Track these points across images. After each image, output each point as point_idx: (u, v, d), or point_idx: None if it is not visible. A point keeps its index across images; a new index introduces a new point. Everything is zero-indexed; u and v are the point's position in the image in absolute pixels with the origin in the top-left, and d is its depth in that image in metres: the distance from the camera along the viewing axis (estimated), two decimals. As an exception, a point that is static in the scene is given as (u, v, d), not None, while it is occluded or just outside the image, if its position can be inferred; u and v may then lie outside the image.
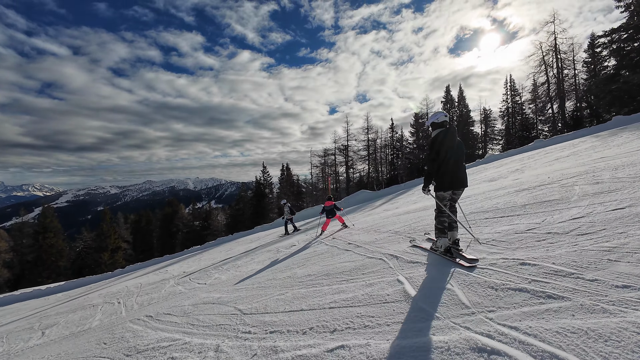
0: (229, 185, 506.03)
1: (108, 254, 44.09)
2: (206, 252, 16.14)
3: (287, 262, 5.78)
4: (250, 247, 11.52)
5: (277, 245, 8.66)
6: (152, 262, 21.85)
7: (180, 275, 8.65)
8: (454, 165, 3.41)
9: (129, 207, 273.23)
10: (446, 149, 3.36)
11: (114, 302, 7.06)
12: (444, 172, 3.41)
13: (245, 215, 47.55)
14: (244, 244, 14.16)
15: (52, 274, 41.72)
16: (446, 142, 3.37)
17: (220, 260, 9.47)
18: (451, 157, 3.38)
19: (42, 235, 42.73)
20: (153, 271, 14.29)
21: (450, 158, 3.38)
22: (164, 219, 52.65)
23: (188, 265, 11.61)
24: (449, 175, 3.41)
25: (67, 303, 10.84)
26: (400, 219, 7.06)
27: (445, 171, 3.41)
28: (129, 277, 15.79)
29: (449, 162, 3.38)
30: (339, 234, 7.43)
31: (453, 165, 3.40)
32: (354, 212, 13.71)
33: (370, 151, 40.49)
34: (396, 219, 7.31)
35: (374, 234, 6.09)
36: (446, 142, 3.37)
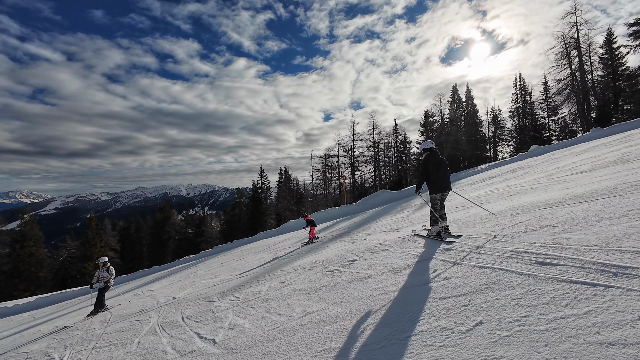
0: (222, 191, 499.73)
1: (93, 264, 41.00)
2: (202, 264, 13.77)
3: (362, 291, 3.55)
4: (262, 258, 9.28)
5: (314, 259, 6.39)
6: (138, 275, 19.28)
7: (168, 302, 6.35)
8: (441, 176, 4.71)
9: (120, 214, 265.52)
10: (432, 165, 4.70)
11: (54, 356, 4.67)
12: (434, 181, 4.72)
13: (242, 222, 45.15)
14: (250, 253, 11.87)
15: (30, 285, 38.40)
16: (432, 160, 4.72)
17: (226, 279, 7.19)
18: (438, 171, 4.69)
19: (20, 244, 39.48)
20: (135, 288, 11.88)
21: (438, 171, 4.69)
22: (154, 226, 49.84)
23: (180, 283, 9.29)
24: (438, 183, 4.72)
25: (13, 336, 8.39)
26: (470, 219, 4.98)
27: (435, 180, 4.72)
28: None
29: (437, 174, 4.69)
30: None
31: (440, 176, 4.70)
32: (381, 216, 11.57)
33: (375, 151, 38.61)
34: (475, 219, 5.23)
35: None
36: (432, 161, 4.72)
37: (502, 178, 11.07)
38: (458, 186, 13.63)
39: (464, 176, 18.37)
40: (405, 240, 5.03)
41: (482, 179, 12.90)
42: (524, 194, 6.19)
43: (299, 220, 22.69)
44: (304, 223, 11.09)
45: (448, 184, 4.75)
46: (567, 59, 28.14)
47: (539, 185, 6.68)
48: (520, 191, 6.64)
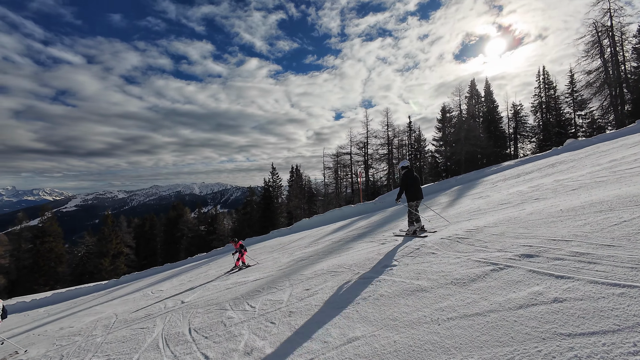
0: (234, 190, 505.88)
1: (109, 260, 41.67)
2: (214, 263, 13.22)
3: None
4: (277, 259, 8.57)
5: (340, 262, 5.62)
6: (150, 272, 19.01)
7: (176, 307, 5.70)
8: (415, 188, 5.95)
9: (136, 212, 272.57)
10: (409, 180, 5.96)
11: None
12: (411, 192, 5.94)
13: (254, 220, 44.99)
14: (264, 253, 11.20)
15: (50, 280, 39.33)
16: (409, 176, 6.02)
17: (240, 282, 6.49)
18: (413, 185, 5.93)
19: (40, 240, 40.49)
20: (146, 287, 11.41)
21: (413, 185, 5.93)
22: (168, 223, 50.39)
23: (190, 284, 8.70)
24: (413, 194, 5.93)
25: (19, 337, 7.99)
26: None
27: (411, 191, 5.93)
28: (116, 293, 12.94)
29: (413, 187, 5.93)
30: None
31: (415, 188, 5.95)
32: (405, 215, 10.68)
33: (389, 149, 37.43)
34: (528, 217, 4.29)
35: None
36: (409, 176, 6.02)
37: (542, 173, 9.95)
38: (488, 183, 12.55)
39: (489, 173, 17.15)
40: (454, 242, 4.17)
41: (516, 175, 11.77)
42: (590, 188, 5.21)
43: (229, 246, 20.66)
44: (232, 249, 10.95)
45: (421, 194, 6.01)
46: (598, 48, 26.16)
47: (604, 178, 5.66)
48: (582, 185, 5.65)
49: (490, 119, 35.87)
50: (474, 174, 19.20)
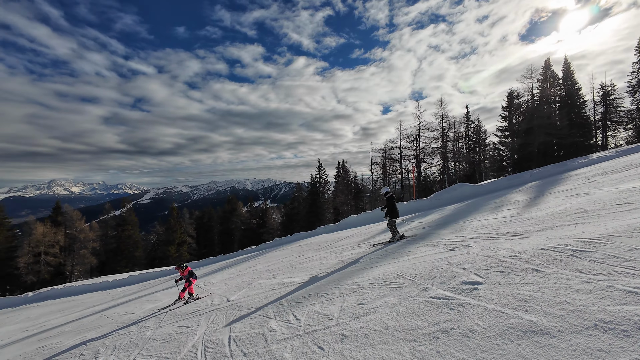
0: (283, 185, 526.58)
1: (174, 247, 46.17)
2: (262, 257, 13.26)
3: None
4: (325, 258, 7.99)
5: (399, 270, 4.78)
6: (206, 262, 20.20)
7: (221, 306, 5.45)
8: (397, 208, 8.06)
9: (197, 205, 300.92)
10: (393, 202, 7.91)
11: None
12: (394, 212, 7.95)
13: (300, 215, 45.68)
14: (311, 250, 10.74)
15: (129, 263, 45.09)
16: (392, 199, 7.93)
17: (285, 283, 6.02)
18: (395, 205, 7.98)
19: (122, 228, 46.62)
20: (201, 277, 11.84)
21: (395, 206, 7.97)
22: (223, 216, 54.05)
23: (239, 279, 8.61)
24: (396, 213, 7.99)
25: (93, 316, 8.74)
26: None
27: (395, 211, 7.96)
28: (170, 282, 13.76)
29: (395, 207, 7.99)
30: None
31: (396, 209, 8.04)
32: (472, 214, 9.22)
33: (444, 142, 34.34)
34: None
35: None
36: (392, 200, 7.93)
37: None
38: (579, 178, 10.23)
39: (577, 166, 14.20)
40: (567, 256, 3.02)
41: (621, 167, 9.32)
42: None
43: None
44: None
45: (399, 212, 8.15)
46: None
47: None
48: None
49: (571, 104, 30.41)
50: (553, 168, 16.22)
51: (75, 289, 21.51)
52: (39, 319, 13.44)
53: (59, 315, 12.60)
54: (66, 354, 5.18)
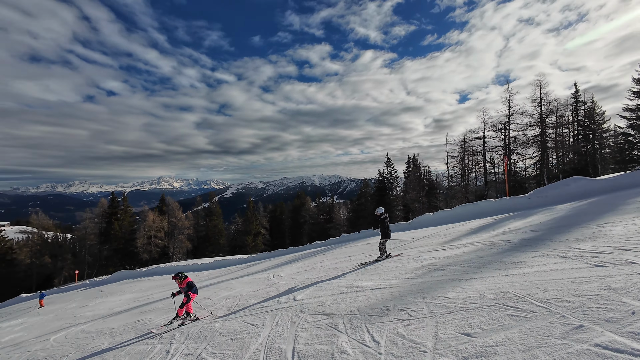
0: (349, 181, 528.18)
1: (251, 238, 50.43)
2: (329, 253, 12.86)
3: None
4: (404, 264, 7.00)
5: (513, 286, 3.61)
6: (276, 254, 21.02)
7: (287, 305, 5.07)
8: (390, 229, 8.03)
9: (270, 199, 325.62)
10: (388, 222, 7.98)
11: (170, 349, 4.00)
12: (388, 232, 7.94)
13: (368, 211, 44.41)
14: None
15: (215, 249, 51.15)
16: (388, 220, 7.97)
17: (356, 287, 5.32)
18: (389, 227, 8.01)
19: (209, 218, 53.17)
20: (271, 268, 12.13)
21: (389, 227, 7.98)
22: (293, 210, 56.67)
23: (306, 274, 8.29)
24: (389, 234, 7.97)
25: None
26: None
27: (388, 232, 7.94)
28: (251, 268, 14.52)
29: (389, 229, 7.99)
30: None
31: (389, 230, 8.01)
32: (603, 216, 6.94)
33: (542, 129, 28.39)
34: None
35: None
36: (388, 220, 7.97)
37: None
38: None
39: None
40: None
41: None
42: None
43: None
44: None
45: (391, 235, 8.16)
46: None
47: None
48: None
49: None
50: None
51: (174, 269, 25.04)
52: (147, 291, 15.93)
53: (160, 290, 14.63)
54: (149, 333, 5.59)
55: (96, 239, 44.81)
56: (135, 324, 6.75)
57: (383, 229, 7.82)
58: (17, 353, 7.08)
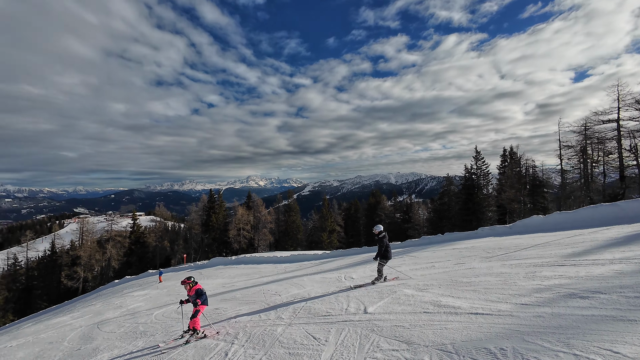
0: (429, 179, 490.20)
1: (326, 234, 51.44)
2: (407, 256, 11.47)
3: None
4: (514, 282, 5.42)
5: None
6: (351, 252, 20.38)
7: (356, 318, 4.27)
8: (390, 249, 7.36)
9: (345, 197, 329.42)
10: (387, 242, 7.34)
11: (228, 349, 3.68)
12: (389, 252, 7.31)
13: (452, 212, 39.73)
14: (476, 258, 7.98)
15: (294, 243, 54.14)
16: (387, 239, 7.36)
17: (444, 307, 4.21)
18: (389, 246, 7.34)
19: (288, 214, 56.59)
20: (343, 267, 11.53)
21: (388, 246, 7.33)
22: (368, 209, 55.48)
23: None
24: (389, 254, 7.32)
25: (254, 289, 9.82)
26: None
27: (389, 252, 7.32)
28: (324, 266, 14.24)
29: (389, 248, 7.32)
30: None
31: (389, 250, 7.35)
32: None
33: None
34: None
35: None
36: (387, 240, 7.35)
37: None
38: None
39: None
40: None
41: None
42: None
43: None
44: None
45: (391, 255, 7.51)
46: None
47: None
48: None
49: None
50: None
51: (257, 259, 27.17)
52: (234, 278, 17.48)
53: (244, 279, 15.78)
54: (219, 325, 5.64)
55: (199, 229, 52.88)
56: (213, 312, 7.08)
57: (381, 249, 7.20)
58: (128, 322, 8.38)
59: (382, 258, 7.23)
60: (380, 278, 7.28)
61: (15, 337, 11.99)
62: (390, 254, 7.35)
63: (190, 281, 5.69)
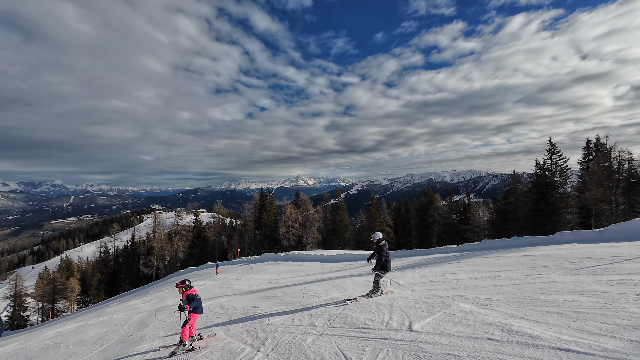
0: (490, 177, 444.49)
1: (371, 235, 49.95)
2: (465, 262, 10.10)
3: None
4: (619, 303, 4.19)
5: None
6: (401, 254, 19.14)
7: (398, 335, 3.61)
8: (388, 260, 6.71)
9: (395, 196, 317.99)
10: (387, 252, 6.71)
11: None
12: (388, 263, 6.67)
13: (519, 213, 35.08)
14: (556, 270, 6.48)
15: (341, 242, 53.81)
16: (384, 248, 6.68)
17: (516, 332, 3.30)
18: (388, 256, 6.74)
19: (335, 213, 56.45)
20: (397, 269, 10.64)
21: (388, 256, 6.74)
22: (420, 208, 52.57)
23: (432, 285, 6.43)
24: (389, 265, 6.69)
25: (297, 287, 9.57)
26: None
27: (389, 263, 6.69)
28: (363, 269, 13.42)
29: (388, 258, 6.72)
30: None
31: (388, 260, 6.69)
32: None
33: None
34: None
35: None
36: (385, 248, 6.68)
37: None
38: None
39: None
40: None
41: None
42: None
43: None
44: None
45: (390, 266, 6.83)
46: None
47: None
48: None
49: None
50: None
51: (304, 257, 27.42)
52: (280, 274, 17.78)
53: (289, 276, 15.90)
54: (253, 324, 5.44)
55: (252, 225, 55.92)
56: (252, 309, 7.01)
57: (381, 259, 6.67)
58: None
59: (380, 269, 6.70)
60: (377, 291, 6.79)
61: (98, 315, 13.82)
62: (390, 265, 6.74)
63: (183, 285, 5.37)
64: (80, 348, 6.92)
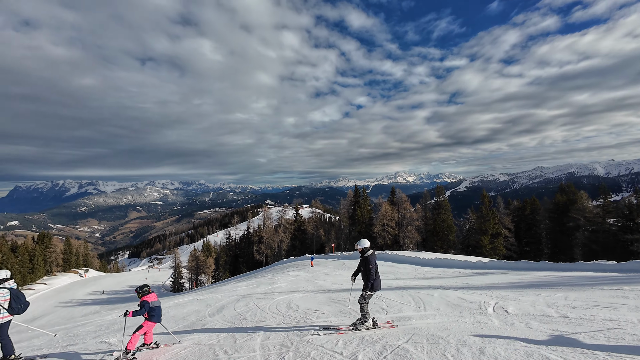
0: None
1: (488, 238, 42.63)
2: (632, 289, 6.73)
3: None
4: None
5: None
6: (522, 266, 15.18)
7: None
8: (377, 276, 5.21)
9: (518, 194, 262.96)
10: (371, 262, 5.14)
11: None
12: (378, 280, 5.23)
13: None
14: None
15: (444, 244, 48.27)
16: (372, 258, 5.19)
17: None
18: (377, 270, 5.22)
19: (437, 212, 51.05)
20: (491, 288, 8.17)
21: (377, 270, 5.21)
22: (555, 210, 41.75)
23: (566, 322, 4.36)
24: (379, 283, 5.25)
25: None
26: None
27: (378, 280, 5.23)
28: (475, 280, 10.81)
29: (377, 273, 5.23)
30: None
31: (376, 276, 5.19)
32: None
33: None
34: None
35: None
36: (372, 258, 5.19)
37: None
38: None
39: None
40: None
41: None
42: None
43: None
44: None
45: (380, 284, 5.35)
46: None
47: None
48: None
49: None
50: None
51: (398, 257, 25.54)
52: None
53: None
54: (292, 336, 4.81)
55: (347, 222, 56.77)
56: (307, 316, 6.47)
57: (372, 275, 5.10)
58: (254, 302, 9.27)
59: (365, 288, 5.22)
60: (366, 321, 5.21)
61: (212, 292, 16.36)
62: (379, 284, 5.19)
63: (140, 291, 4.87)
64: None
